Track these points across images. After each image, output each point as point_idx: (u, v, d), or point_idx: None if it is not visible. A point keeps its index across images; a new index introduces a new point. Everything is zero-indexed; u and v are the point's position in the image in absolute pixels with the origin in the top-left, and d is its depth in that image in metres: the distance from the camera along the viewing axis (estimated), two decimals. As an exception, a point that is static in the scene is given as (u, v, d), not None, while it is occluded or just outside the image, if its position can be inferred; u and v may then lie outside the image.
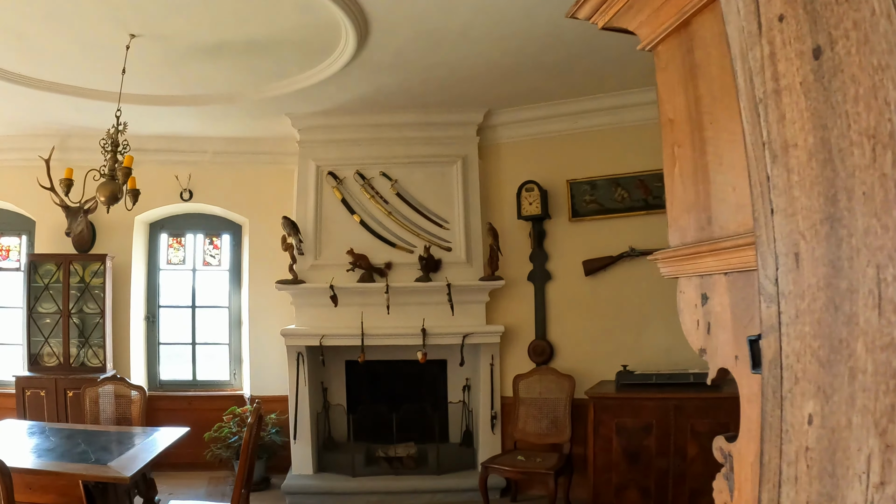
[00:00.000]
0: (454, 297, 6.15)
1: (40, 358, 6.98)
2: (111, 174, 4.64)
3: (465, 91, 5.82)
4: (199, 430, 6.38)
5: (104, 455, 4.06)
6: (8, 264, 7.81)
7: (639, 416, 5.03)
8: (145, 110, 6.08)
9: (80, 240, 7.15)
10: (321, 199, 6.48)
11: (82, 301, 7.00)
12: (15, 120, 6.65)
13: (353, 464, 6.15)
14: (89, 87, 5.58)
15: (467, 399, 6.51)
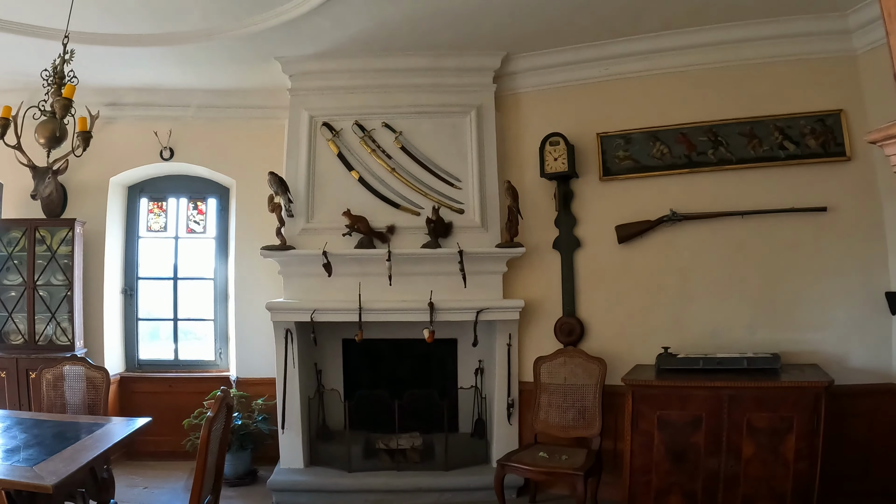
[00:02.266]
0: (467, 267, 5.66)
1: (5, 335, 6.57)
2: (53, 111, 4.20)
3: (479, 28, 5.36)
4: (181, 415, 6.23)
5: (37, 453, 3.62)
6: None
7: (686, 409, 4.52)
8: (115, 54, 5.71)
9: (49, 204, 6.69)
10: (314, 153, 6.03)
11: (49, 272, 6.56)
12: None
13: (349, 457, 5.73)
14: (50, 26, 5.13)
15: (480, 384, 6.09)
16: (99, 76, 5.85)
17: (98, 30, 5.29)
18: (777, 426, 4.25)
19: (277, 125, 6.54)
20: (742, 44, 5.26)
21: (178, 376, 7.00)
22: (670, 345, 5.03)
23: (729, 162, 5.27)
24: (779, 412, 4.23)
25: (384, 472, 5.69)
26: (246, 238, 6.67)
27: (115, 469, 4.52)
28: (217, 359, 7.17)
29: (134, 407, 6.59)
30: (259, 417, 6.21)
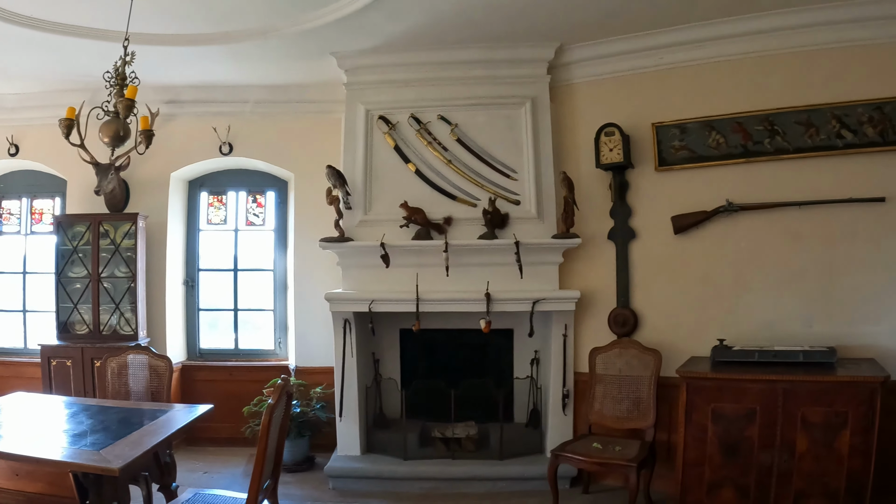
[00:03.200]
0: (523, 258, 5.68)
1: (70, 325, 6.89)
2: (116, 111, 4.36)
3: (533, 20, 5.37)
4: (240, 403, 6.40)
5: (103, 438, 3.76)
6: (42, 227, 7.84)
7: (740, 401, 4.48)
8: (174, 54, 5.91)
9: (113, 199, 7.01)
10: (371, 146, 6.14)
11: (113, 264, 6.85)
12: (40, 74, 6.61)
13: (405, 445, 5.83)
14: (107, 27, 5.38)
15: (536, 374, 6.12)
16: (158, 75, 6.01)
17: (156, 31, 5.47)
18: (831, 421, 4.21)
19: (334, 119, 6.68)
20: (798, 30, 5.18)
21: (238, 365, 7.21)
22: (726, 337, 5.00)
23: (785, 151, 5.20)
24: (834, 407, 4.18)
25: (439, 461, 5.77)
26: (304, 230, 6.82)
27: (177, 454, 4.64)
28: (276, 348, 7.37)
29: (195, 395, 6.82)
30: (317, 405, 6.35)
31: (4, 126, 7.38)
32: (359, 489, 5.68)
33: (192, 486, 4.43)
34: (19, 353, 7.75)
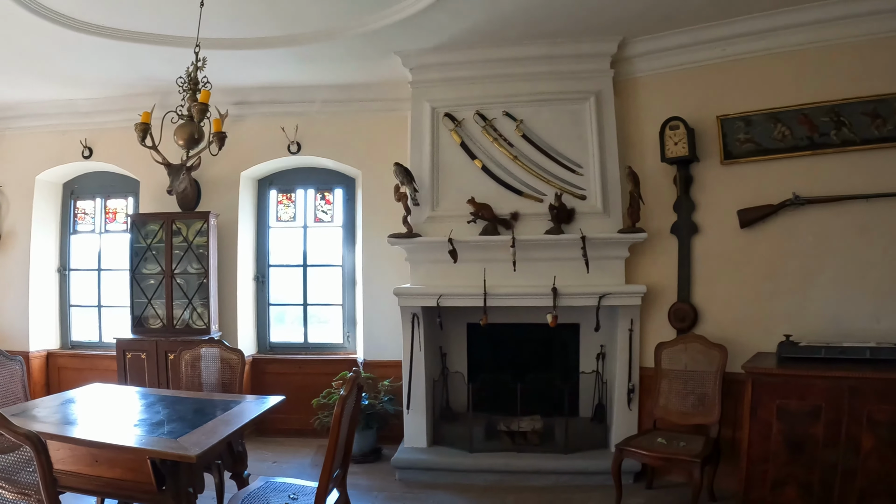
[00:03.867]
0: (589, 252, 5.83)
1: (144, 320, 7.34)
2: (189, 115, 4.61)
3: (595, 15, 5.48)
4: (308, 395, 6.62)
5: (180, 427, 3.97)
6: (115, 226, 8.31)
7: (805, 398, 4.47)
8: (243, 57, 6.25)
9: (185, 198, 7.45)
10: (438, 143, 6.33)
11: (186, 261, 7.27)
12: (112, 79, 7.03)
13: (471, 437, 6.00)
14: (178, 33, 5.75)
15: (601, 369, 6.23)
16: (227, 77, 6.35)
17: (225, 35, 5.81)
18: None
19: (400, 117, 6.94)
20: (862, 18, 5.12)
21: (308, 358, 7.52)
22: (792, 332, 5.02)
23: (852, 143, 5.15)
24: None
25: (504, 454, 5.89)
26: (372, 226, 7.08)
27: (247, 444, 4.88)
28: (344, 342, 7.70)
29: (265, 387, 7.14)
30: (385, 398, 6.55)
31: (79, 130, 7.87)
32: (424, 480, 5.85)
33: (262, 475, 4.60)
34: (94, 347, 8.23)
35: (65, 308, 8.41)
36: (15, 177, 8.05)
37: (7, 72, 6.72)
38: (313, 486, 3.94)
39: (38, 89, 7.35)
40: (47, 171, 8.06)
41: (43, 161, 8.03)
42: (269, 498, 3.94)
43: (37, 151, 8.03)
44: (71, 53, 6.14)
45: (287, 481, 4.25)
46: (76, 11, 5.33)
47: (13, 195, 8.05)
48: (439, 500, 5.46)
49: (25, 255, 7.96)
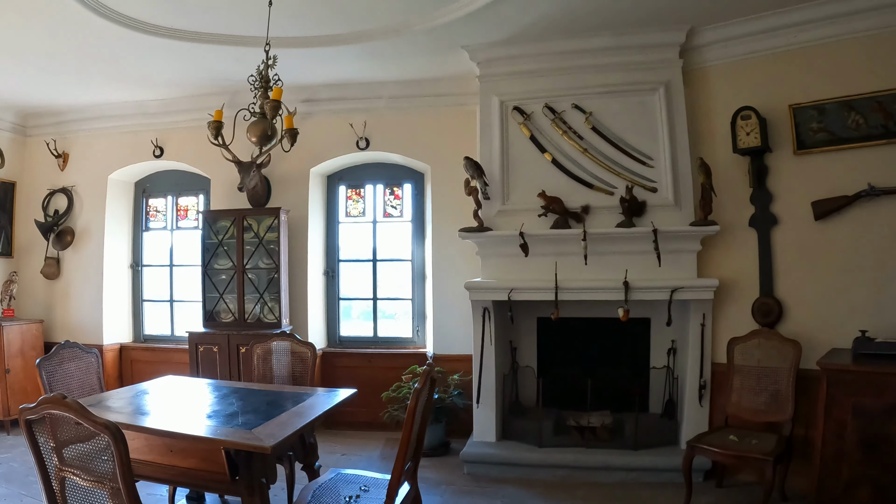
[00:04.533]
0: (661, 246, 5.90)
1: (216, 314, 7.70)
2: (262, 112, 4.80)
3: (662, 4, 5.58)
4: (378, 389, 6.81)
5: (253, 418, 4.11)
6: (186, 223, 8.74)
7: (882, 396, 4.37)
8: (311, 55, 6.49)
9: (255, 195, 7.78)
10: (507, 137, 6.49)
11: (257, 256, 7.59)
12: (182, 80, 7.40)
13: (540, 432, 6.10)
14: (245, 33, 6.03)
15: (672, 364, 6.27)
16: (295, 75, 6.65)
17: (293, 34, 6.08)
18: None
19: (468, 111, 7.16)
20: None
21: (377, 352, 7.79)
22: (868, 328, 4.94)
23: (930, 131, 5.16)
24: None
25: (573, 449, 5.98)
26: (442, 220, 7.30)
27: (316, 436, 5.01)
28: (414, 336, 7.96)
29: (334, 380, 7.41)
30: (454, 392, 6.73)
31: (150, 130, 8.33)
32: (493, 475, 5.97)
33: (331, 467, 4.71)
34: (166, 340, 8.73)
35: (137, 303, 8.92)
36: (88, 176, 8.58)
37: (80, 75, 7.16)
38: (384, 479, 4.10)
39: (109, 92, 7.81)
40: (119, 171, 8.55)
41: (115, 161, 8.51)
42: (339, 489, 4.06)
43: (109, 152, 8.52)
44: (141, 56, 6.51)
45: (358, 473, 4.38)
46: (146, 14, 5.66)
47: (87, 194, 8.60)
48: (508, 495, 5.55)
49: (99, 252, 8.47)
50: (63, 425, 2.88)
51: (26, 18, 5.56)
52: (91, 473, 2.88)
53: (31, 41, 6.08)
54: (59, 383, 4.89)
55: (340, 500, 3.90)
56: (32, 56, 6.49)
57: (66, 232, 8.50)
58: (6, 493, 5.65)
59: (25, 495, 5.57)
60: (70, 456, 2.93)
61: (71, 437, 2.91)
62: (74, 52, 6.40)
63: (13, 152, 8.64)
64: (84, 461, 2.90)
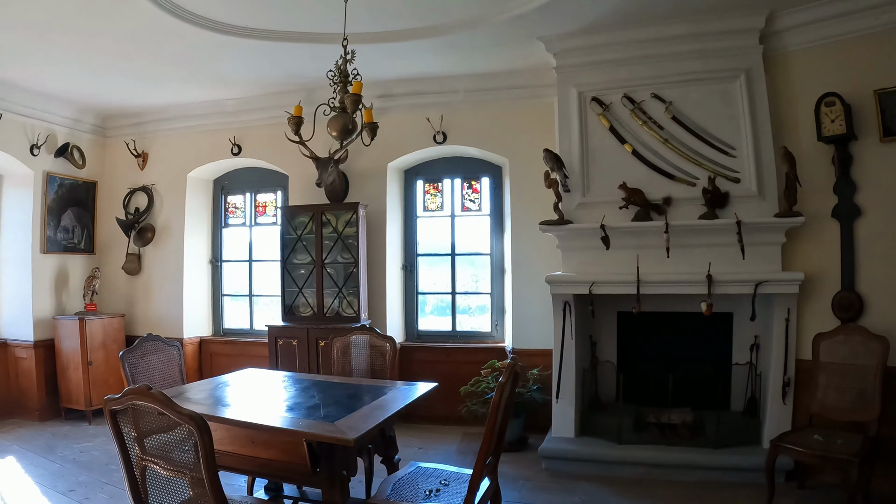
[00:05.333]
0: (744, 238, 5.89)
1: (295, 308, 8.10)
2: (341, 106, 4.97)
3: None
4: (456, 383, 6.97)
5: (335, 411, 4.22)
6: (265, 219, 9.15)
7: None
8: (386, 50, 6.71)
9: (333, 190, 8.12)
10: (586, 128, 6.61)
11: (336, 251, 7.97)
12: (258, 78, 7.77)
13: (619, 429, 6.22)
14: (321, 31, 6.25)
15: (755, 360, 6.27)
16: (370, 70, 6.65)
17: (368, 29, 6.26)
18: None
19: (545, 103, 7.35)
20: None
21: (455, 346, 8.05)
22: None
23: None
24: None
25: (653, 446, 6.06)
26: (521, 214, 7.50)
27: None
28: (493, 330, 8.21)
29: (412, 374, 7.68)
30: (533, 387, 6.91)
31: (227, 128, 8.82)
32: (571, 471, 6.10)
33: (408, 461, 4.88)
34: (245, 334, 9.21)
35: (217, 297, 9.46)
36: (168, 175, 9.17)
37: (157, 77, 7.66)
38: (464, 473, 4.26)
39: (186, 92, 8.32)
40: (198, 169, 9.10)
41: (194, 159, 9.06)
42: (419, 483, 4.16)
43: (187, 150, 9.08)
44: (217, 56, 6.90)
45: (437, 467, 4.48)
46: (221, 15, 6.01)
47: (166, 192, 9.20)
48: (586, 492, 5.66)
49: (179, 248, 9.03)
50: (145, 416, 3.01)
51: (105, 23, 5.97)
52: (172, 463, 3.02)
53: (109, 45, 6.53)
54: (142, 375, 5.12)
55: (420, 494, 4.00)
56: (111, 60, 6.96)
57: (147, 229, 9.06)
58: (87, 481, 6.07)
59: (106, 483, 5.99)
60: (151, 446, 3.06)
61: (152, 428, 3.04)
62: (152, 55, 6.83)
63: (94, 153, 9.32)
64: (165, 451, 3.04)
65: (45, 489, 5.85)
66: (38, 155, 8.37)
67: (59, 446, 7.15)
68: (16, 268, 8.51)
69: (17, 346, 8.39)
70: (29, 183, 8.43)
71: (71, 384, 8.25)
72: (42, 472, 6.28)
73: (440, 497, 3.95)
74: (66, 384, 8.29)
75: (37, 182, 8.43)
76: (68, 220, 8.89)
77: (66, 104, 8.63)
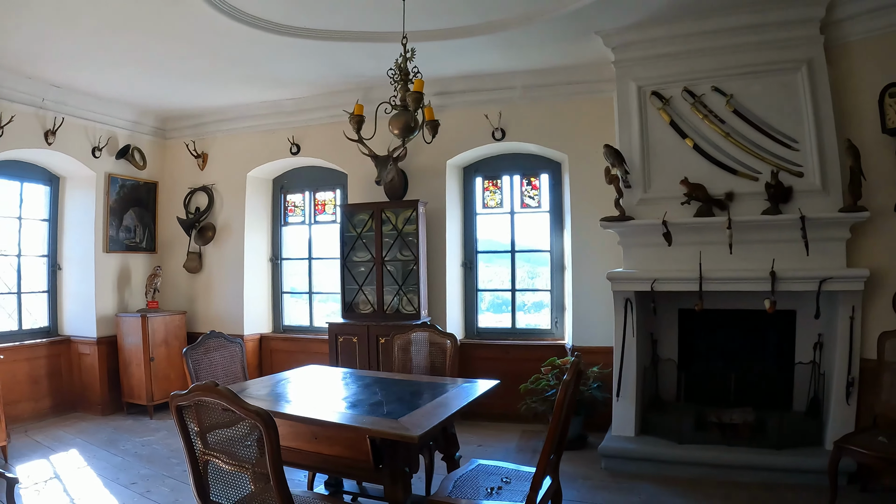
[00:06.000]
0: (808, 233, 5.88)
1: (355, 305, 8.37)
2: (403, 104, 5.09)
3: None
4: (515, 380, 7.05)
5: (398, 408, 4.36)
6: (324, 217, 9.42)
7: None
8: (443, 48, 6.84)
9: (392, 188, 8.37)
10: (646, 123, 6.69)
11: (395, 248, 8.19)
12: (317, 78, 8.01)
13: (680, 428, 6.26)
14: (378, 30, 6.41)
15: (818, 359, 6.25)
16: (428, 68, 6.72)
17: (424, 27, 6.40)
18: None
19: (604, 98, 7.46)
20: None
21: (514, 344, 8.21)
22: None
23: None
24: None
25: (713, 446, 6.09)
26: (581, 210, 7.60)
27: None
28: (552, 327, 8.36)
29: (472, 371, 7.83)
30: (594, 385, 7.02)
31: (285, 128, 9.11)
32: (630, 470, 6.19)
33: (469, 458, 4.97)
34: (305, 331, 9.49)
35: (277, 294, 9.78)
36: (227, 175, 9.54)
37: (216, 79, 7.99)
38: (525, 471, 4.34)
39: (245, 93, 8.65)
40: (257, 168, 9.43)
41: (253, 159, 9.39)
42: (480, 480, 4.24)
43: (247, 150, 9.43)
44: (275, 57, 7.15)
45: (499, 464, 4.56)
46: (280, 17, 6.24)
47: (226, 192, 9.58)
48: (645, 492, 5.73)
49: (240, 247, 9.40)
50: (209, 411, 3.14)
51: (163, 28, 6.27)
52: (233, 458, 3.15)
53: (168, 49, 6.85)
54: (205, 371, 5.30)
55: (481, 492, 4.07)
56: (170, 63, 7.30)
57: (208, 228, 9.43)
58: (149, 474, 6.38)
59: (168, 476, 6.29)
60: (213, 441, 3.21)
61: (214, 423, 3.17)
62: (211, 57, 7.14)
63: (154, 154, 9.76)
64: (227, 446, 3.17)
65: (108, 481, 6.13)
66: (99, 157, 8.80)
67: (121, 440, 7.50)
68: (79, 267, 8.92)
69: (81, 343, 8.81)
70: (91, 184, 8.85)
71: (133, 379, 8.65)
72: (104, 465, 6.60)
73: (502, 495, 4.01)
74: (129, 379, 8.70)
75: (99, 183, 8.86)
76: (130, 219, 9.31)
77: (126, 107, 9.04)
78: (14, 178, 8.45)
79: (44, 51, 6.76)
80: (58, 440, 7.46)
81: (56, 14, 5.87)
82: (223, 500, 3.31)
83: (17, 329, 8.50)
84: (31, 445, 7.23)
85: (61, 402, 8.70)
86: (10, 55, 6.88)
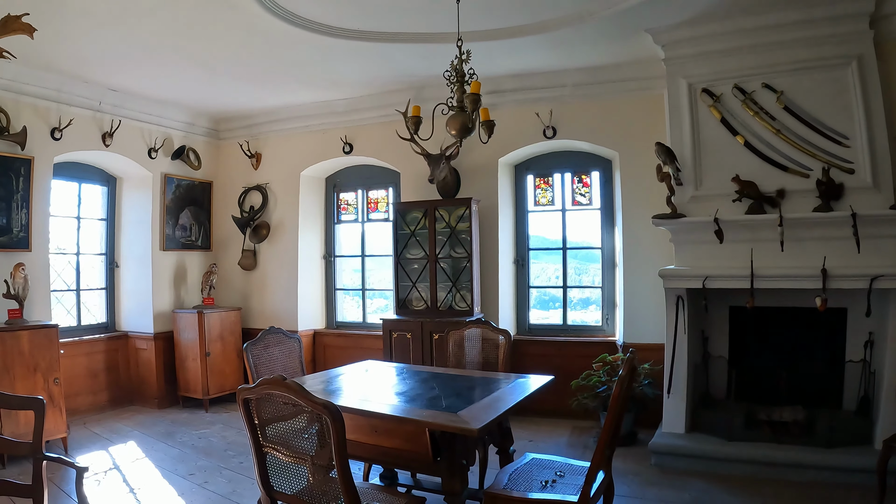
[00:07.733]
0: (860, 231, 5.99)
1: (408, 302, 8.71)
2: (459, 105, 5.29)
3: None
4: (566, 377, 7.18)
5: (456, 402, 4.52)
6: (377, 215, 9.82)
7: None
8: (495, 47, 7.08)
9: (445, 186, 8.69)
10: (697, 120, 6.87)
11: (449, 246, 8.50)
12: (369, 79, 8.31)
13: (730, 426, 6.41)
14: (430, 30, 6.67)
15: (869, 358, 6.35)
16: (480, 67, 6.67)
17: (477, 27, 6.62)
18: None
19: (654, 95, 7.68)
20: None
21: (566, 340, 8.45)
22: None
23: None
24: None
25: (763, 444, 6.20)
26: (632, 207, 7.83)
27: (507, 421, 5.55)
28: (603, 324, 8.59)
29: (523, 367, 8.02)
30: (644, 382, 7.26)
31: (338, 128, 9.52)
32: (679, 467, 6.34)
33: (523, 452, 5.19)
34: (358, 327, 9.91)
35: (330, 291, 10.20)
36: (282, 174, 9.98)
37: (269, 80, 8.36)
38: (578, 465, 4.47)
39: (297, 94, 9.03)
40: (310, 168, 9.85)
41: (306, 158, 9.82)
42: (534, 474, 4.35)
43: (300, 150, 9.86)
44: (328, 58, 7.47)
45: (553, 458, 4.68)
46: (334, 19, 6.53)
47: (280, 191, 10.00)
48: (696, 489, 5.84)
49: (294, 244, 9.81)
50: (268, 405, 3.33)
51: (218, 32, 6.59)
52: (291, 450, 3.32)
53: (222, 52, 7.21)
54: (264, 366, 5.52)
55: (536, 485, 4.17)
56: (225, 65, 7.68)
57: (262, 226, 9.91)
58: (206, 466, 6.74)
59: (224, 468, 6.65)
60: (272, 434, 3.40)
61: (273, 416, 3.35)
62: (264, 59, 7.48)
63: (209, 155, 10.27)
64: (285, 438, 3.35)
65: (166, 472, 6.50)
66: (155, 158, 9.30)
67: (177, 432, 7.93)
68: (136, 264, 9.44)
69: (138, 338, 9.33)
70: (148, 184, 9.34)
71: (189, 374, 9.14)
72: (162, 457, 6.99)
73: (556, 488, 4.11)
74: (185, 374, 9.20)
75: (155, 183, 9.35)
76: (186, 218, 9.80)
77: (181, 109, 9.53)
78: (73, 179, 8.94)
79: (102, 56, 7.15)
80: (116, 432, 7.91)
81: (116, 21, 6.23)
82: (286, 490, 3.50)
83: (76, 325, 8.99)
84: (90, 437, 7.68)
85: (118, 396, 9.21)
86: (70, 60, 7.29)
